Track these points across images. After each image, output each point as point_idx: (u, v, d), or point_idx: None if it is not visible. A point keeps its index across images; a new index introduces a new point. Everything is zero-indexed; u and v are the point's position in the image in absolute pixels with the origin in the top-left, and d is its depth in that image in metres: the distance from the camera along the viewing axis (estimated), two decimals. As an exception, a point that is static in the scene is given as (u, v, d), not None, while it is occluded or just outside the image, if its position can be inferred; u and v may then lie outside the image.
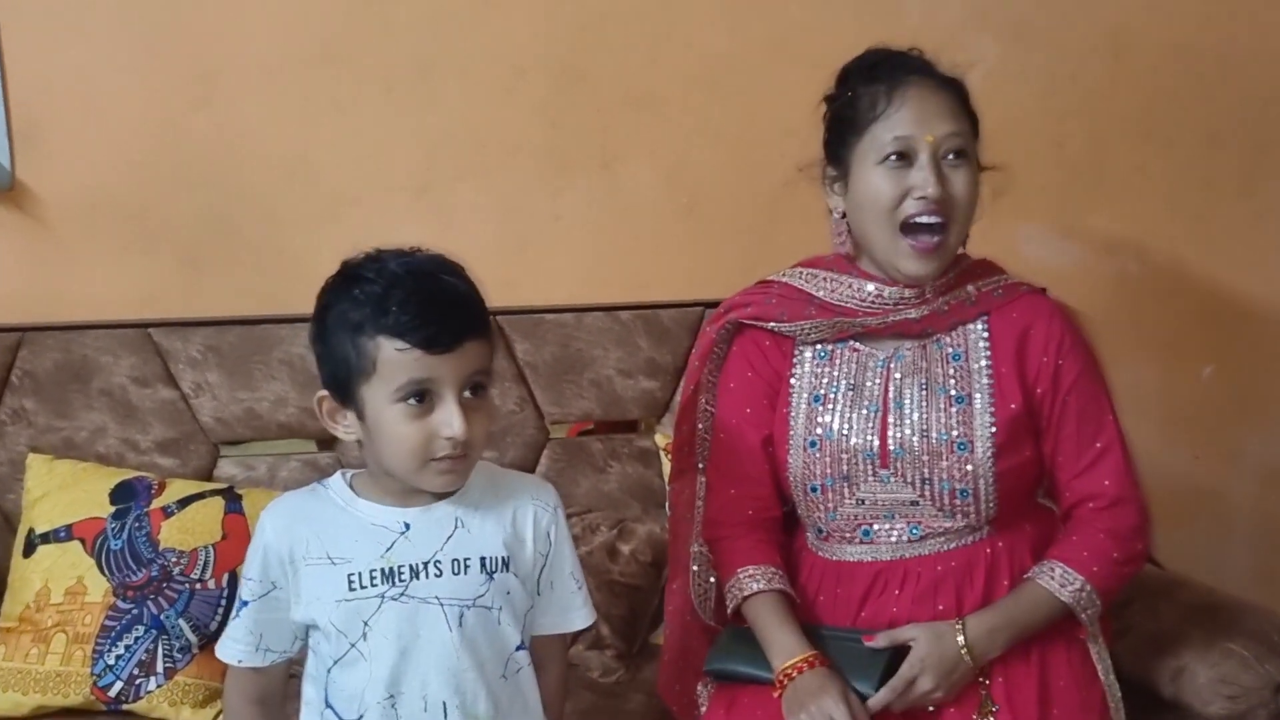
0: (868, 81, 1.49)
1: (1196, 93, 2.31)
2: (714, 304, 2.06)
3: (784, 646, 1.45)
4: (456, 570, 1.27)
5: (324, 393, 1.27)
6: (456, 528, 1.28)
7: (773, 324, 1.57)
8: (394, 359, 1.20)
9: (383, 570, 1.26)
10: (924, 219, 1.45)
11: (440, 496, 1.29)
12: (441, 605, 1.26)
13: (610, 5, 2.15)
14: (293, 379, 2.03)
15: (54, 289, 2.08)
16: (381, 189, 2.14)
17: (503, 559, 1.30)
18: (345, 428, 1.27)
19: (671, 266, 2.22)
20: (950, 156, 1.46)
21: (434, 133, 2.14)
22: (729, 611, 1.54)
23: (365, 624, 1.26)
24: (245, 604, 1.29)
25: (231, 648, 1.31)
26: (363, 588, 1.25)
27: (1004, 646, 1.45)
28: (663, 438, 2.08)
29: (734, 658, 1.52)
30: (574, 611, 1.37)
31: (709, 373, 1.63)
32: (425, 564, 1.26)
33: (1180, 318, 2.38)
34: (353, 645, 1.26)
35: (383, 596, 1.26)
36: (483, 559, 1.28)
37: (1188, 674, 1.56)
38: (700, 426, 1.63)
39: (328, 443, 2.06)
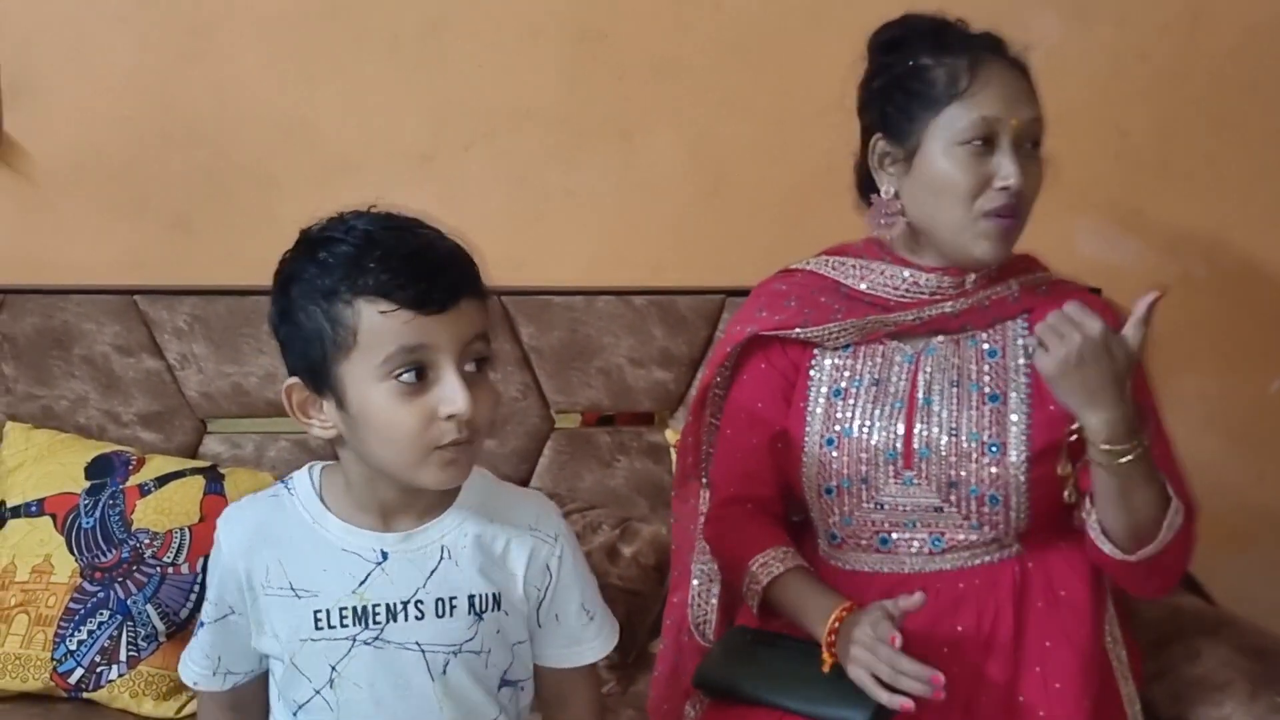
0: (938, 51, 1.36)
1: (1276, 79, 2.13)
2: (735, 292, 1.95)
3: (820, 609, 1.32)
4: (441, 612, 1.12)
5: (293, 380, 1.08)
6: (442, 559, 1.12)
7: (797, 331, 1.45)
8: (378, 325, 1.01)
9: (355, 609, 1.10)
10: (1003, 214, 1.34)
11: (422, 518, 1.13)
12: (423, 652, 1.11)
13: (635, -39, 2.00)
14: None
15: (37, 250, 1.99)
16: (384, 155, 2.02)
17: (493, 596, 1.13)
18: (321, 421, 1.08)
19: (692, 250, 2.08)
20: (1029, 145, 1.36)
21: (441, 96, 2.01)
22: (754, 610, 1.40)
23: (333, 669, 1.11)
24: (203, 625, 1.17)
25: (190, 669, 1.19)
26: (330, 627, 1.10)
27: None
28: (674, 433, 1.96)
29: (729, 671, 1.39)
30: (584, 645, 1.20)
31: (718, 385, 1.51)
32: (405, 604, 1.11)
33: (1249, 325, 2.22)
34: (317, 692, 1.12)
35: (354, 639, 1.11)
36: (471, 598, 1.12)
37: (1229, 727, 1.40)
38: (705, 440, 1.52)
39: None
